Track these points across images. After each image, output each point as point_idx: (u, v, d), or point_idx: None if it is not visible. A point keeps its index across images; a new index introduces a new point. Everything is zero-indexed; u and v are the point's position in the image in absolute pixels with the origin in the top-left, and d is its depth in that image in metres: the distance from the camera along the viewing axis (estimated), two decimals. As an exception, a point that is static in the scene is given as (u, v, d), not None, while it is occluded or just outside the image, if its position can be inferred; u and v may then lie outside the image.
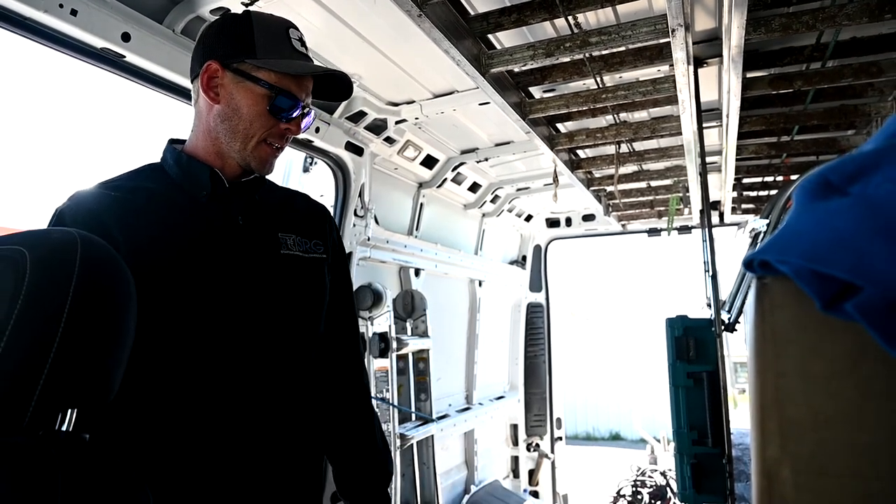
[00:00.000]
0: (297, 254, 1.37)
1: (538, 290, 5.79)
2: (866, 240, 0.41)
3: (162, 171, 1.33)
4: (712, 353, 2.52)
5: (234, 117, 1.27)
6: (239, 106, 1.27)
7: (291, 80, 1.27)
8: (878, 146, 0.48)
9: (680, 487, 2.53)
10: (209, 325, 1.22)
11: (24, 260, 0.82)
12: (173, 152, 1.34)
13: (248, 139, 1.28)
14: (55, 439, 0.82)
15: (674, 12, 1.63)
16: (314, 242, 1.43)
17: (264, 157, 1.31)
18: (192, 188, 1.30)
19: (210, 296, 1.23)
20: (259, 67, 1.25)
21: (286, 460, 1.29)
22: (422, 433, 3.61)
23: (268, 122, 1.27)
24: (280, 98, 1.26)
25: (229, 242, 1.28)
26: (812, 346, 0.47)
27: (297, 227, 1.42)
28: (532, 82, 2.48)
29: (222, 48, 1.28)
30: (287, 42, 1.29)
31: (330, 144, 2.86)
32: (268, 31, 1.29)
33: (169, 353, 1.19)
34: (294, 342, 1.34)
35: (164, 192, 1.28)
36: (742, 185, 3.97)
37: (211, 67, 1.27)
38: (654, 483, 6.75)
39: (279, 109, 1.27)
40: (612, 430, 17.40)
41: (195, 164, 1.31)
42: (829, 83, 2.29)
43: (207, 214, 1.29)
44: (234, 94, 1.27)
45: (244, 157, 1.29)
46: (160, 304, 1.17)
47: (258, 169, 1.32)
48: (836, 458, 0.45)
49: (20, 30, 1.63)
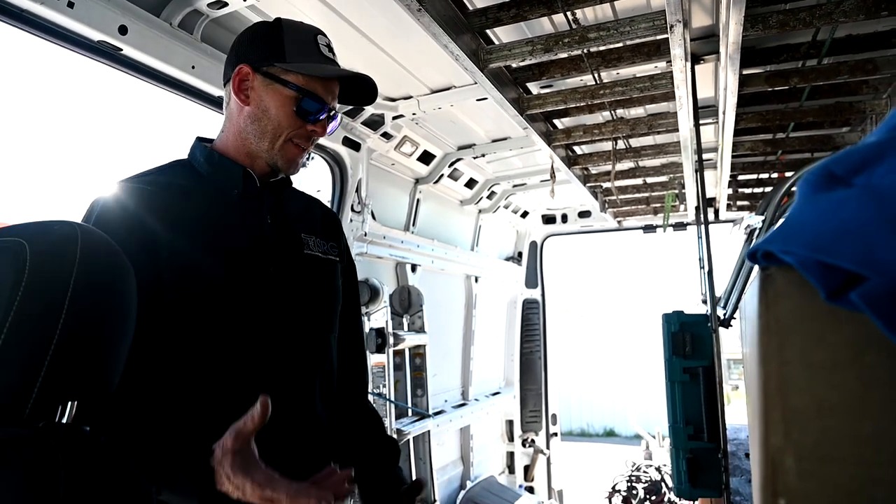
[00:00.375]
0: (317, 254, 1.42)
1: (534, 287, 5.80)
2: (872, 230, 0.41)
3: (191, 168, 1.36)
4: (708, 348, 2.53)
5: (264, 118, 1.31)
6: (268, 107, 1.31)
7: (318, 83, 1.31)
8: (881, 138, 0.48)
9: (676, 482, 2.54)
10: (240, 321, 1.25)
11: (25, 252, 0.82)
12: (203, 150, 1.37)
13: (275, 139, 1.31)
14: (56, 431, 0.82)
15: (672, 8, 1.64)
16: (330, 245, 1.49)
17: (291, 156, 1.34)
18: (225, 186, 1.33)
19: (243, 291, 1.26)
20: (288, 71, 1.30)
21: (304, 454, 1.30)
22: (418, 429, 3.61)
23: (295, 122, 1.31)
24: (307, 100, 1.30)
25: (259, 240, 1.32)
26: (816, 335, 0.48)
27: (315, 229, 1.47)
28: (530, 78, 2.48)
29: (254, 53, 1.33)
30: (315, 47, 1.33)
31: (327, 139, 2.86)
32: (297, 37, 1.33)
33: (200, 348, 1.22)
34: (313, 339, 1.37)
35: (197, 189, 1.32)
36: (737, 182, 3.98)
37: (242, 70, 1.32)
38: (650, 478, 6.77)
39: (306, 112, 1.30)
40: (606, 427, 17.44)
41: (228, 162, 1.34)
42: (824, 80, 2.30)
43: (239, 212, 1.33)
44: (264, 96, 1.31)
45: (272, 156, 1.33)
46: (196, 298, 1.21)
47: (285, 168, 1.35)
48: (839, 446, 0.45)
49: (17, 22, 1.63)
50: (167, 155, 1.46)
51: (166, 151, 33.55)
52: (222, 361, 1.23)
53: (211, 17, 2.04)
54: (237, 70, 1.32)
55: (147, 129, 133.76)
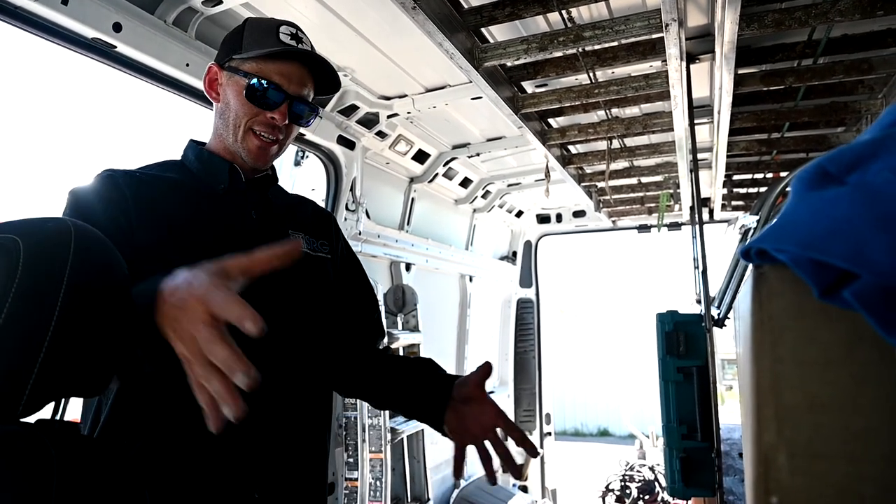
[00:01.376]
0: (305, 251, 1.42)
1: (528, 286, 5.80)
2: (864, 228, 0.42)
3: (183, 166, 1.39)
4: (702, 348, 2.54)
5: (227, 111, 1.34)
6: (229, 99, 1.33)
7: (272, 68, 1.30)
8: (875, 136, 0.48)
9: (669, 481, 2.55)
10: None
11: (18, 249, 0.82)
12: (195, 149, 1.40)
13: (237, 129, 1.32)
14: (49, 428, 0.82)
15: (667, 7, 1.64)
16: (321, 242, 1.49)
17: (252, 147, 1.33)
18: (211, 181, 1.35)
19: None
20: (243, 60, 1.31)
21: (291, 454, 1.29)
22: (412, 427, 3.61)
23: (250, 109, 1.31)
24: (253, 83, 1.29)
25: (243, 235, 1.32)
26: (809, 332, 0.48)
27: (305, 226, 1.47)
28: (525, 77, 2.48)
29: (222, 52, 1.37)
30: (274, 36, 1.32)
31: (321, 138, 2.86)
32: (258, 29, 1.34)
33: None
34: (298, 336, 1.34)
35: (185, 183, 1.34)
36: (732, 182, 3.99)
37: (211, 70, 1.37)
38: (643, 477, 6.80)
39: (254, 95, 1.29)
40: (600, 426, 17.48)
41: (216, 159, 1.37)
42: (820, 80, 2.31)
43: (224, 207, 1.33)
44: (227, 89, 1.34)
45: (237, 148, 1.34)
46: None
47: (251, 161, 1.35)
48: (831, 443, 0.46)
49: (9, 18, 1.62)
50: (161, 154, 1.48)
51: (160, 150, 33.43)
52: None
53: (205, 15, 2.04)
54: (207, 70, 1.37)
55: (141, 128, 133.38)
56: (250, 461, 1.23)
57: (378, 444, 3.20)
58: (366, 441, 3.15)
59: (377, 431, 3.21)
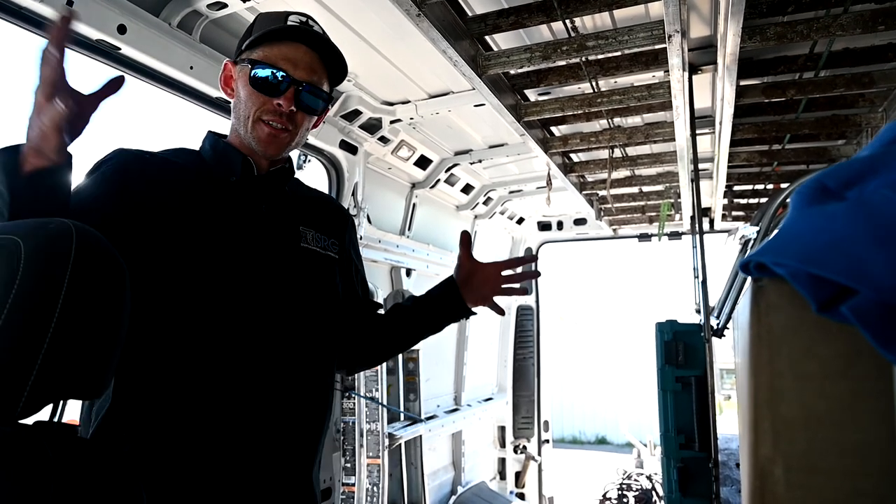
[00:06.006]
0: (314, 249, 1.42)
1: (528, 293, 5.77)
2: (862, 244, 0.42)
3: (198, 155, 1.39)
4: (701, 357, 2.54)
5: (239, 103, 1.34)
6: (239, 92, 1.33)
7: (278, 55, 1.29)
8: (874, 152, 0.49)
9: (666, 490, 2.54)
10: (218, 307, 1.23)
11: (19, 250, 0.82)
12: (212, 139, 1.40)
13: (247, 120, 1.31)
14: (47, 430, 0.82)
15: (671, 18, 1.64)
16: (331, 241, 1.48)
17: (262, 136, 1.32)
18: (223, 171, 1.35)
19: (221, 276, 1.24)
20: (252, 49, 1.32)
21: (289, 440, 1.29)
22: (410, 433, 3.60)
23: (257, 98, 1.30)
24: (257, 68, 1.29)
25: (250, 228, 1.31)
26: (806, 346, 0.48)
27: (317, 223, 1.46)
28: (528, 85, 2.49)
29: (236, 50, 1.39)
30: (282, 23, 1.32)
31: (324, 142, 2.86)
32: (267, 18, 1.35)
33: (177, 330, 1.20)
34: (301, 332, 1.34)
35: (196, 170, 1.34)
36: (733, 193, 3.99)
37: (226, 67, 1.38)
38: (640, 487, 6.77)
39: (257, 80, 1.29)
40: (598, 434, 17.45)
41: (231, 149, 1.36)
42: (821, 93, 2.31)
43: (233, 198, 1.33)
44: (237, 83, 1.34)
45: (249, 139, 1.33)
46: (170, 278, 1.21)
47: (262, 150, 1.33)
48: (827, 457, 0.46)
49: (15, 19, 1.62)
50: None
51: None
52: (194, 348, 1.21)
53: (210, 18, 2.04)
54: (223, 68, 1.38)
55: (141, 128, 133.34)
56: (249, 461, 1.22)
57: (376, 449, 3.19)
58: (363, 446, 3.14)
59: (375, 437, 3.20)
